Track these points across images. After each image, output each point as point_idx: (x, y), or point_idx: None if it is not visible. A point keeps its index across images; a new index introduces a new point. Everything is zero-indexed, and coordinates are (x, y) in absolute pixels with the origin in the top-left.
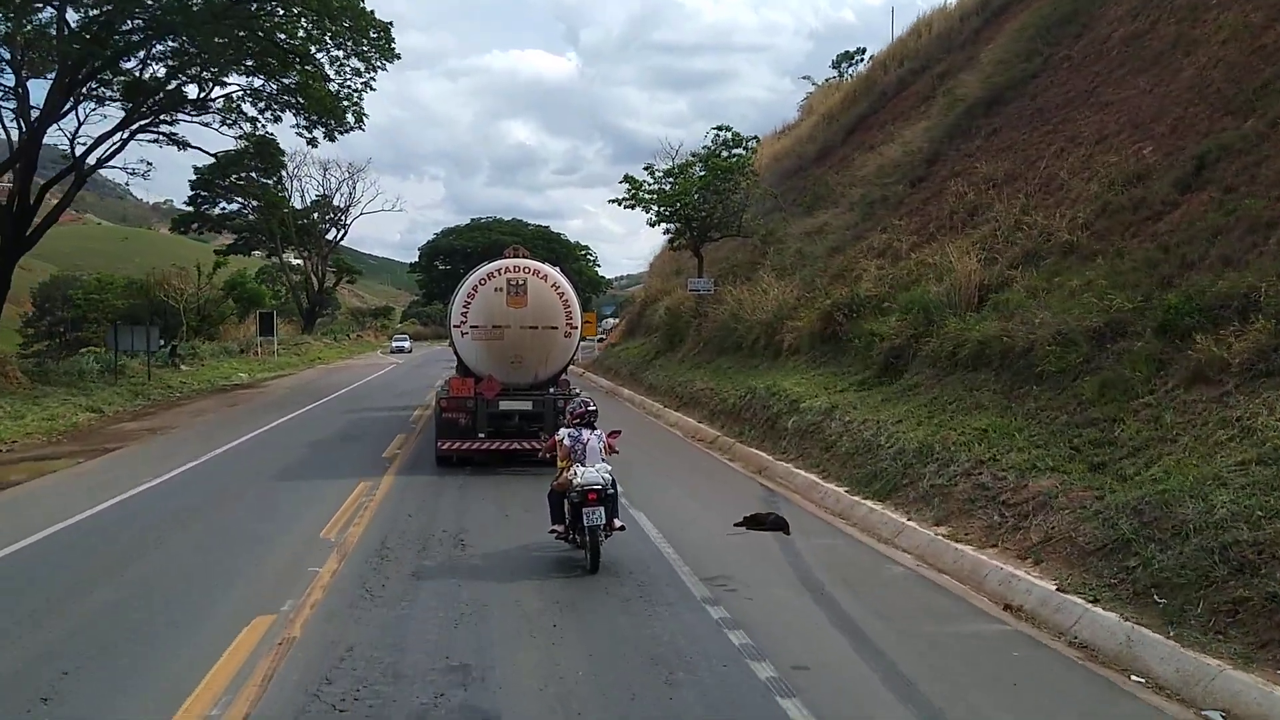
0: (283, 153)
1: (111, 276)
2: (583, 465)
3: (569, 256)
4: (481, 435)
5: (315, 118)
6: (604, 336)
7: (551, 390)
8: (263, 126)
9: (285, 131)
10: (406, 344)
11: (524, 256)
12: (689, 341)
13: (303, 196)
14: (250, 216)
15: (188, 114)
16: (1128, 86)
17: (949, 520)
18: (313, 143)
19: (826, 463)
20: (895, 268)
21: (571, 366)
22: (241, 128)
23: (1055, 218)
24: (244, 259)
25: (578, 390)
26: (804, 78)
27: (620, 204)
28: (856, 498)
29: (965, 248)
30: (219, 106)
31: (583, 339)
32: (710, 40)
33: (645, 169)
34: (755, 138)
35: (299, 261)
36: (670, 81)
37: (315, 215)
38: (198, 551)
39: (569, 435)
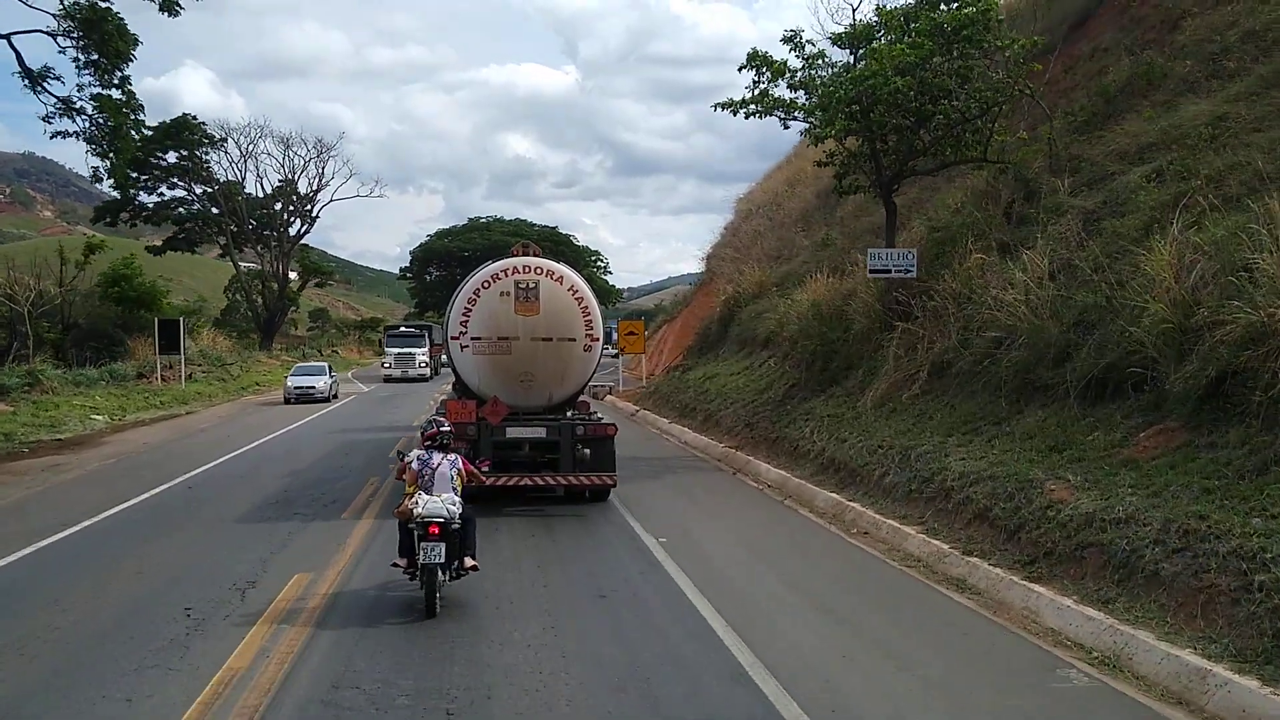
0: (134, 41)
1: None
2: (428, 494)
3: (579, 262)
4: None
5: None
6: (619, 352)
7: (569, 414)
8: None
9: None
10: (319, 382)
11: (534, 255)
12: (886, 371)
13: (260, 182)
14: (195, 206)
15: None
16: None
17: None
18: (170, 8)
19: None
20: None
21: (610, 396)
22: None
23: None
24: (217, 261)
25: (597, 413)
26: None
27: (738, 110)
28: None
29: None
30: None
31: (620, 353)
32: (708, 53)
33: (786, 41)
34: None
35: (250, 266)
36: (668, 94)
37: (278, 205)
38: None
39: (418, 458)
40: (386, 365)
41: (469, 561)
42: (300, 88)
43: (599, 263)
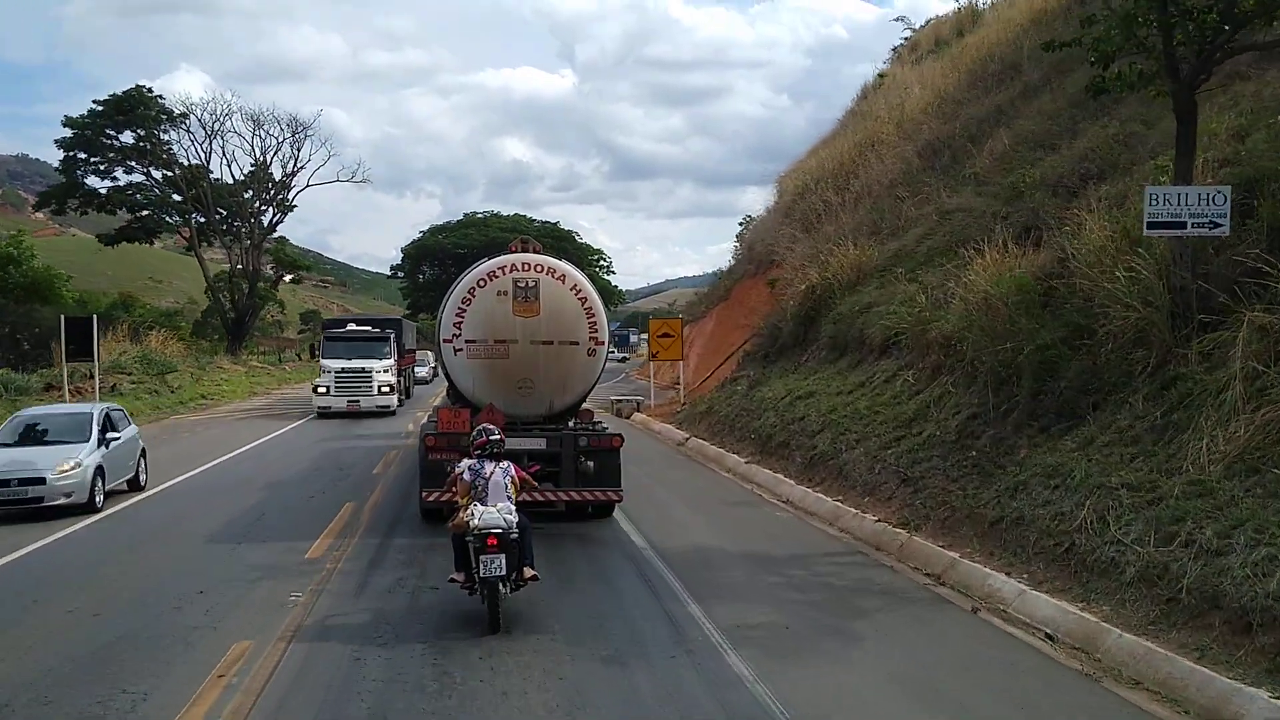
0: None
1: None
2: (483, 504)
3: (580, 261)
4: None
5: None
6: (627, 357)
7: (571, 424)
8: None
9: None
10: (58, 462)
11: (534, 251)
12: (1227, 404)
13: (229, 167)
14: (155, 192)
15: None
16: None
17: None
18: None
19: None
20: None
21: (639, 414)
22: None
23: None
24: (210, 261)
25: (601, 423)
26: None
27: None
28: None
29: None
30: None
31: (649, 358)
32: (706, 56)
33: None
34: None
35: (223, 264)
36: (666, 97)
37: (249, 193)
38: None
39: (469, 468)
40: (321, 389)
41: (528, 572)
42: (297, 90)
43: (601, 262)
